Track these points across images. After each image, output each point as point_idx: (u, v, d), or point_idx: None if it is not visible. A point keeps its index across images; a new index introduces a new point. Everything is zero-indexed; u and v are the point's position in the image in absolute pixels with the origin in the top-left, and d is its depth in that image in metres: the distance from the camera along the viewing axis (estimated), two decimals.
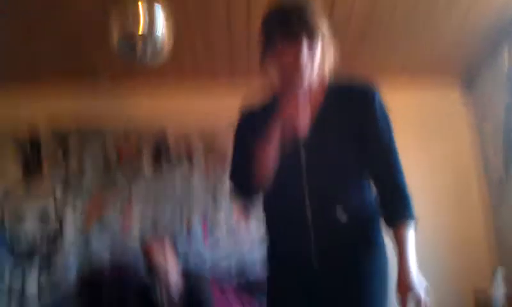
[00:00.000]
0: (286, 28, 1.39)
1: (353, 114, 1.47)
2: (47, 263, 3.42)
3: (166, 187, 3.61)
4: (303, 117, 1.41)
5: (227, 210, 3.53)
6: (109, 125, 3.69)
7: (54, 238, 3.47)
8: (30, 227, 3.46)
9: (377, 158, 1.48)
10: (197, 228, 3.54)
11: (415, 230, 1.46)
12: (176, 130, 3.71)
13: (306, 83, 1.42)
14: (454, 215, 3.53)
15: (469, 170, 3.68)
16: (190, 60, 3.44)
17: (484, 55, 3.48)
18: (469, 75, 3.73)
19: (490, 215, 3.55)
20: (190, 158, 3.67)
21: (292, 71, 1.41)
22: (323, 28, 1.44)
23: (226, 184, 3.51)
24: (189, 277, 3.01)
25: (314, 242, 1.41)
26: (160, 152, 3.69)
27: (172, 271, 2.96)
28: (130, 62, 2.65)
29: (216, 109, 3.53)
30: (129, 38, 2.47)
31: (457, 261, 3.40)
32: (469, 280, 3.27)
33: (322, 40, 1.43)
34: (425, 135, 3.69)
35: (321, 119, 1.47)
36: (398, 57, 3.50)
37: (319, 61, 1.43)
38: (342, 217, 1.40)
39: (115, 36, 2.50)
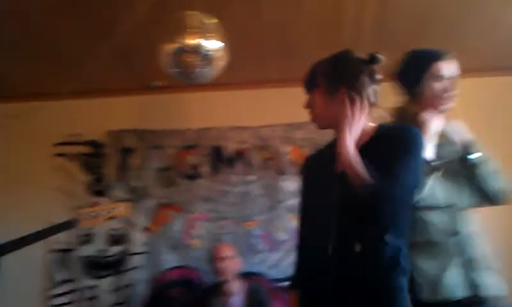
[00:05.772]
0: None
1: (386, 150, 1.46)
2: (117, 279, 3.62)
3: (224, 191, 3.71)
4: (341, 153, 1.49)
5: (285, 212, 3.59)
6: (167, 133, 3.82)
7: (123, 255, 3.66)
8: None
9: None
10: (256, 230, 3.61)
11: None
12: (232, 135, 3.80)
13: (316, 123, 1.63)
14: None
15: None
16: (241, 68, 3.47)
17: None
18: None
19: None
20: (247, 162, 3.74)
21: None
22: (325, 79, 1.59)
23: (282, 187, 3.59)
24: (249, 279, 3.11)
25: (332, 273, 1.47)
26: (218, 157, 3.78)
27: (236, 276, 3.07)
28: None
29: (270, 113, 3.62)
30: (182, 51, 2.46)
31: None
32: None
33: (322, 88, 1.59)
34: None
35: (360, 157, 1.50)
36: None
37: (321, 106, 1.59)
38: (359, 250, 1.44)
39: (166, 48, 2.48)
